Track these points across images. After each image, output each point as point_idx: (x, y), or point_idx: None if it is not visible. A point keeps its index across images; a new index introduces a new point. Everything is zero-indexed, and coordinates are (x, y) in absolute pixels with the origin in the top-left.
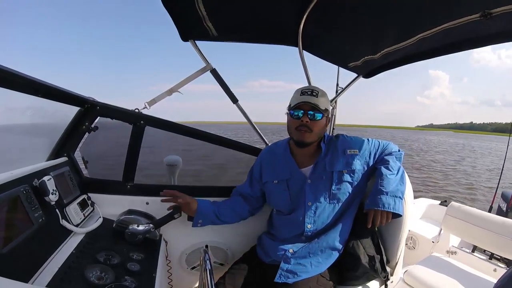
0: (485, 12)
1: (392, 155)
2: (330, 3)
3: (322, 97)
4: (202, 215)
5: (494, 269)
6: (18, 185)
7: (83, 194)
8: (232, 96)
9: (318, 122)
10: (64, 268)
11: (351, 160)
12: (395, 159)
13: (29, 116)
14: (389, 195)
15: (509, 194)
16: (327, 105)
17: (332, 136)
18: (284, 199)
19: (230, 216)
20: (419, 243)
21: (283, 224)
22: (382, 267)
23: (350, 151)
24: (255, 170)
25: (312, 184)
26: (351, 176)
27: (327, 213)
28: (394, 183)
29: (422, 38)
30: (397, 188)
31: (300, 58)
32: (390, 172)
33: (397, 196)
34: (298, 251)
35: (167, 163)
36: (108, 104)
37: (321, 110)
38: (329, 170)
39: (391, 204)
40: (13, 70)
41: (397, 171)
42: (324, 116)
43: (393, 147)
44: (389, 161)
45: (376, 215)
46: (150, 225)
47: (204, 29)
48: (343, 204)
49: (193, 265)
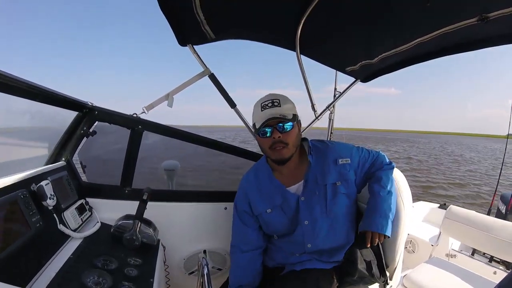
0: (482, 16)
1: (384, 169)
2: (327, 8)
3: (285, 104)
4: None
5: (494, 272)
6: (16, 189)
7: (81, 199)
8: (230, 100)
9: (290, 132)
10: (61, 273)
11: (344, 170)
12: (388, 173)
13: (28, 120)
14: (382, 216)
15: (509, 196)
16: (293, 110)
17: (316, 143)
18: (282, 224)
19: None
20: (419, 247)
21: (284, 243)
22: (381, 271)
23: (342, 161)
24: (240, 205)
25: (306, 201)
26: (345, 187)
27: (325, 229)
28: (386, 201)
29: (420, 43)
30: (389, 207)
31: (298, 62)
32: (383, 190)
33: (388, 216)
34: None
35: (165, 168)
36: (106, 108)
37: (289, 119)
38: (322, 183)
39: (384, 226)
40: (11, 75)
41: (389, 187)
42: (295, 123)
43: (383, 159)
44: (382, 177)
45: (371, 236)
46: (136, 221)
47: (202, 34)
48: (341, 216)
49: (191, 270)
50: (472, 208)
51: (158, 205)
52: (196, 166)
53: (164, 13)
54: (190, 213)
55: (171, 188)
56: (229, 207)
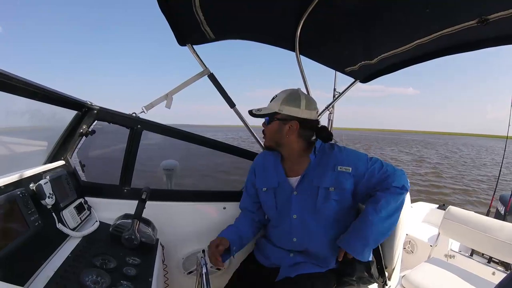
0: (482, 18)
1: (389, 192)
2: (326, 9)
3: (273, 101)
4: (233, 242)
5: (492, 273)
6: (15, 188)
7: (79, 198)
8: (229, 100)
9: (268, 127)
10: (60, 272)
11: (342, 178)
12: (391, 198)
13: (27, 119)
14: (361, 241)
15: (508, 197)
16: (277, 108)
17: (326, 146)
18: (270, 208)
19: (251, 232)
20: (417, 247)
21: (274, 233)
22: (380, 271)
23: (341, 168)
24: (249, 176)
25: (298, 196)
26: (339, 194)
27: (312, 229)
28: (375, 227)
29: (419, 44)
30: (375, 234)
31: (297, 62)
32: (375, 214)
33: (368, 243)
34: (297, 256)
35: (164, 167)
36: (105, 108)
37: (261, 114)
38: (316, 185)
39: (359, 252)
40: (10, 73)
41: (387, 214)
42: (274, 120)
43: (395, 179)
44: (381, 200)
45: (345, 253)
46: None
47: (201, 33)
48: (331, 220)
49: (190, 270)
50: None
51: (157, 205)
52: (195, 165)
53: (163, 13)
54: (189, 213)
55: (170, 187)
56: (228, 207)
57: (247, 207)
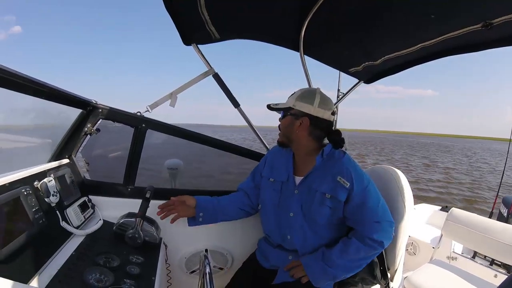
0: (486, 22)
1: (365, 243)
2: (331, 9)
3: (291, 97)
4: (202, 207)
5: (494, 275)
6: (19, 186)
7: (83, 196)
8: (234, 100)
9: (282, 121)
10: (63, 270)
11: (339, 189)
12: (364, 250)
13: (33, 117)
14: (324, 271)
15: (511, 199)
16: (292, 104)
17: (337, 152)
18: (272, 199)
19: (232, 210)
20: (420, 249)
21: (268, 224)
22: (383, 273)
23: (341, 179)
24: (260, 164)
25: (299, 195)
26: (333, 202)
27: (306, 230)
28: (339, 268)
29: (423, 47)
30: (337, 274)
31: (301, 62)
32: (341, 259)
33: (328, 278)
34: (296, 259)
35: (168, 166)
36: (110, 106)
37: (278, 108)
38: (315, 188)
39: (317, 279)
40: (16, 71)
41: (352, 263)
42: (287, 114)
43: (379, 230)
44: (352, 248)
45: (299, 269)
46: (138, 219)
47: (206, 33)
48: (324, 225)
49: (193, 269)
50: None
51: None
52: (200, 165)
53: (169, 12)
54: None
55: (174, 186)
56: None
57: (245, 189)
